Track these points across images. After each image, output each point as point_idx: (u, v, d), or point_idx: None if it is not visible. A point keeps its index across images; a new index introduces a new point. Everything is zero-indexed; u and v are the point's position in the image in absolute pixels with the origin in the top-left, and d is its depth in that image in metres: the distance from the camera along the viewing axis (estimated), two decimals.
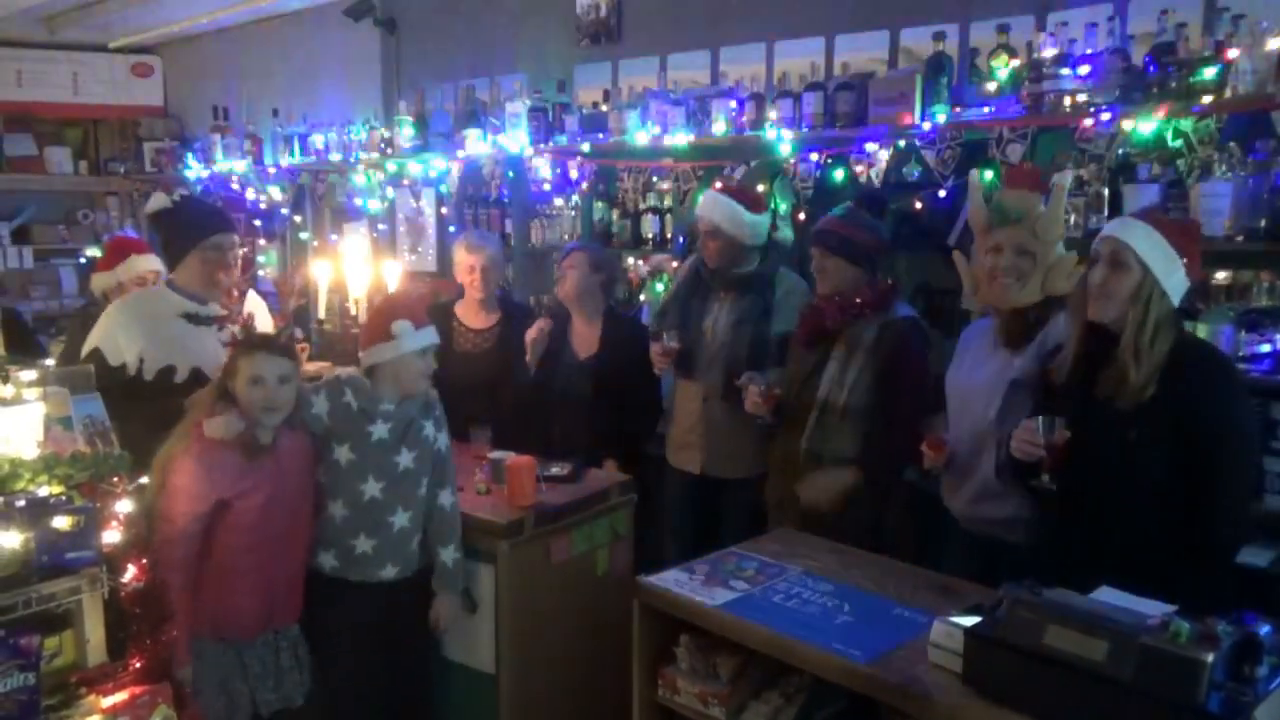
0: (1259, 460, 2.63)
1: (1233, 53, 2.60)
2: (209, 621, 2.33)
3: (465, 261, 3.58)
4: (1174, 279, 2.03)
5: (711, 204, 3.22)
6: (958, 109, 3.18)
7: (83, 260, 6.92)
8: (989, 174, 3.07)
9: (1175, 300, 2.04)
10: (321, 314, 3.86)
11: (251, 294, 3.31)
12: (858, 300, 2.83)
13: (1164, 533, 2.02)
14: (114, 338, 2.78)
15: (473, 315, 3.63)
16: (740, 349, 3.16)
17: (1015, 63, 3.06)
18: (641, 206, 4.24)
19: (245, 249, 3.12)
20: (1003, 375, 2.38)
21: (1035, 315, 2.38)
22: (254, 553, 2.36)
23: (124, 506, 1.91)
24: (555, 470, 3.01)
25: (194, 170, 6.38)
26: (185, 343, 2.82)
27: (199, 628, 2.31)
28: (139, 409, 2.50)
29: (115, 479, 1.93)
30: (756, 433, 3.08)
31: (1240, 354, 2.65)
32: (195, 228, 2.93)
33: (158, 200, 3.02)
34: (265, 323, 3.24)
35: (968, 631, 1.74)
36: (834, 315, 2.83)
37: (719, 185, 3.48)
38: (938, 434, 2.49)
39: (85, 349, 2.79)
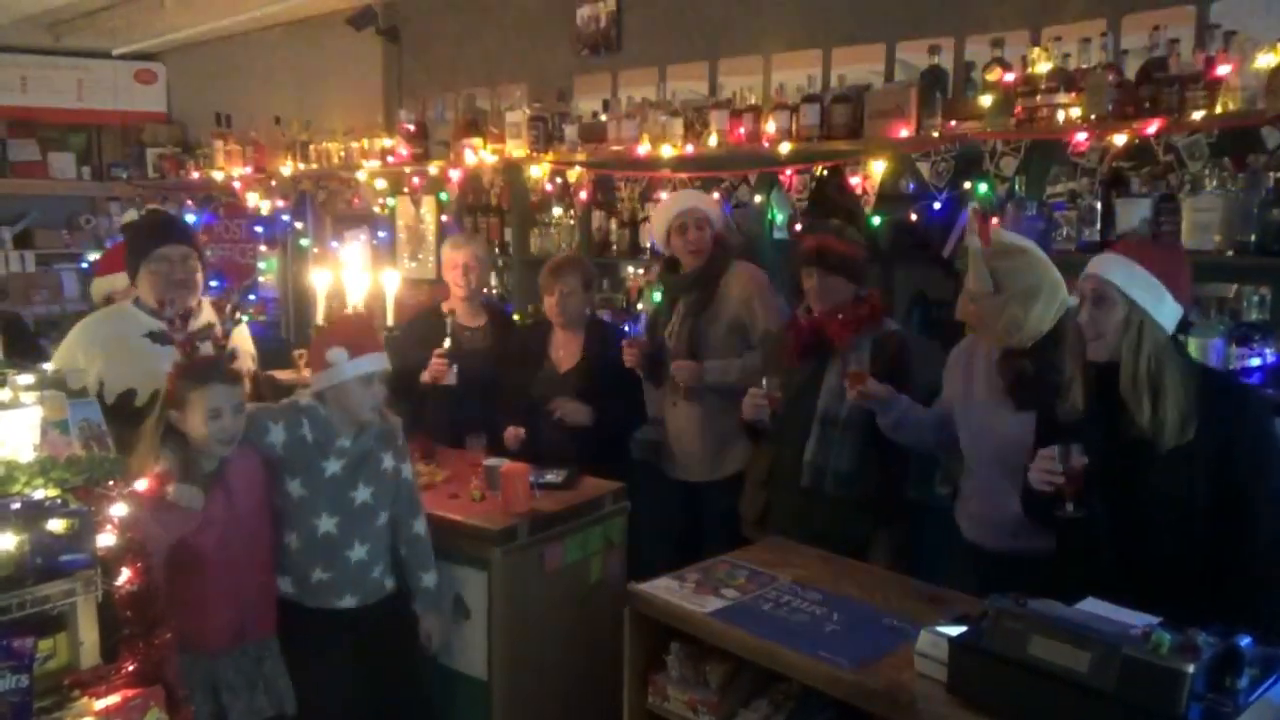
0: None
1: (1224, 69, 2.63)
2: (180, 637, 2.19)
3: (451, 259, 3.65)
4: (1162, 307, 2.00)
5: (691, 195, 3.43)
6: (952, 122, 3.21)
7: (84, 265, 6.94)
8: (983, 186, 3.11)
9: (1169, 327, 2.01)
10: (320, 321, 3.88)
11: (241, 329, 3.11)
12: (859, 316, 2.84)
13: (1203, 555, 1.98)
14: (74, 358, 2.74)
15: (462, 313, 3.66)
16: (682, 345, 3.30)
17: (1009, 76, 3.08)
18: (639, 216, 4.26)
19: (199, 263, 2.91)
20: (1033, 419, 2.32)
21: (1033, 368, 2.37)
22: (220, 577, 2.31)
23: (119, 510, 1.93)
24: (549, 477, 3.02)
25: (196, 177, 6.42)
26: (146, 364, 2.69)
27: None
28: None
29: (110, 483, 1.94)
30: (721, 434, 3.20)
31: (1231, 367, 2.67)
32: (145, 241, 2.86)
33: (128, 215, 3.00)
34: (247, 361, 2.97)
35: (952, 641, 1.76)
36: (839, 332, 2.83)
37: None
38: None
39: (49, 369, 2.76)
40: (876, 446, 2.76)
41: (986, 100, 3.11)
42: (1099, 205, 2.91)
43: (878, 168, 3.35)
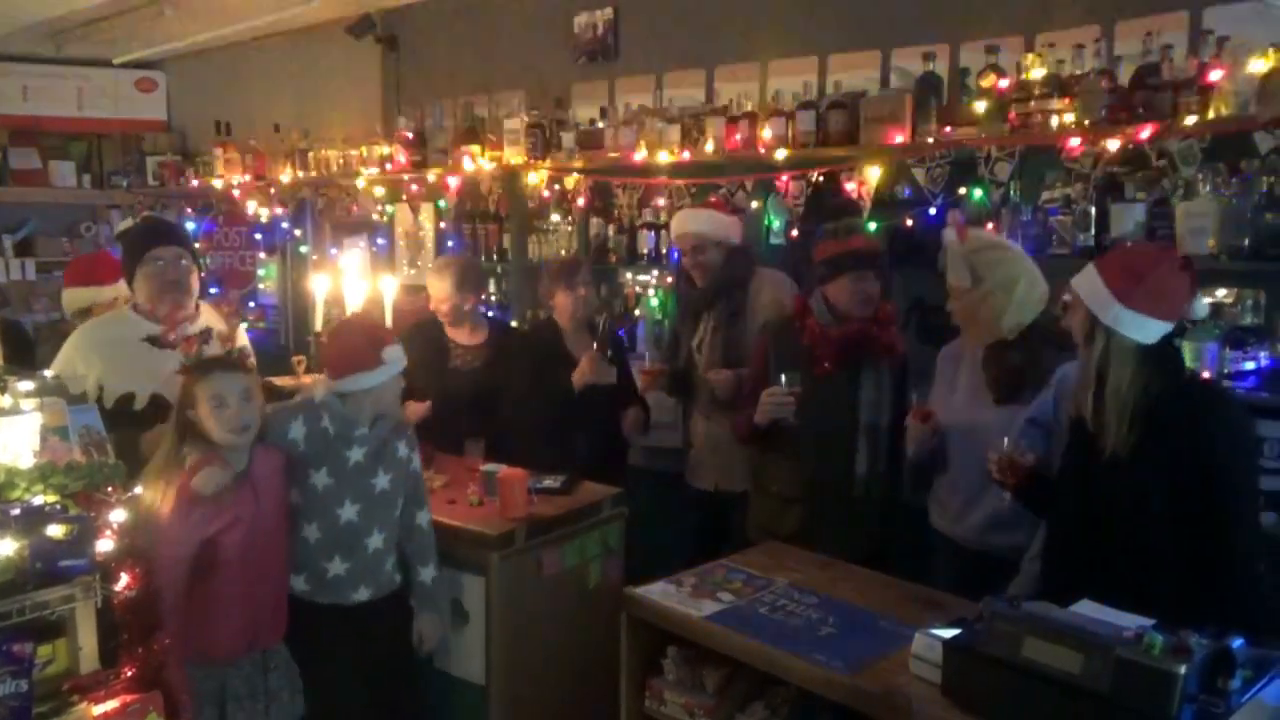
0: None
1: (1216, 74, 2.64)
2: (192, 646, 2.28)
3: (435, 295, 3.62)
4: (1112, 314, 1.95)
5: (690, 218, 3.32)
6: (947, 128, 3.22)
7: None
8: (978, 191, 3.13)
9: (1136, 336, 1.95)
10: (319, 327, 3.89)
11: (240, 330, 3.16)
12: (893, 316, 2.88)
13: (1176, 558, 1.97)
14: (73, 364, 2.75)
15: (461, 333, 3.66)
16: (716, 357, 3.23)
17: (1004, 82, 3.10)
18: (637, 222, 4.28)
19: (193, 264, 2.93)
20: (1016, 414, 2.37)
21: (1020, 361, 2.41)
22: (238, 579, 2.34)
23: (118, 516, 1.94)
24: (548, 483, 3.03)
25: (195, 184, 6.43)
26: (145, 368, 2.74)
27: (184, 651, 2.27)
28: None
29: (110, 488, 1.95)
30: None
31: (1225, 371, 2.68)
32: (139, 245, 2.88)
33: (124, 222, 3.02)
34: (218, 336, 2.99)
35: (946, 643, 1.76)
36: (891, 338, 2.84)
37: (684, 205, 3.58)
38: (924, 404, 2.58)
39: (49, 375, 2.78)
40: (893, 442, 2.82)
41: (981, 106, 3.12)
42: (1093, 210, 2.93)
43: (873, 174, 3.36)
